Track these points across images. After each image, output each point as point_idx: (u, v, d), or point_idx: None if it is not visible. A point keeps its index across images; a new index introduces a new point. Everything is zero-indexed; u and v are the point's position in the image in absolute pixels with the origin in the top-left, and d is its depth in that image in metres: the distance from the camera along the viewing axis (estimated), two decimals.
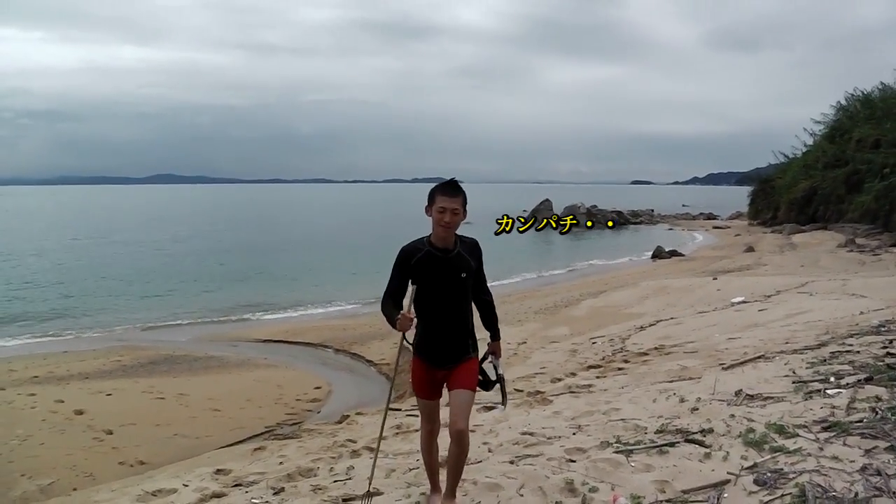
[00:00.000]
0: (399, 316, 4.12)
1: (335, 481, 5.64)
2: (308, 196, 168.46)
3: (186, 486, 5.92)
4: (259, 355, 14.23)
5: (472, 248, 4.44)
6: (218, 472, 6.35)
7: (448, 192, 4.19)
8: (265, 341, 15.75)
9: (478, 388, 4.51)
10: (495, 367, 4.62)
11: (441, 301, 4.32)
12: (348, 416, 8.85)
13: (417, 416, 7.79)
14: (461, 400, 4.30)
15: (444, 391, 4.49)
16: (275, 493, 5.48)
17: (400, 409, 8.14)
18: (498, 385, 4.61)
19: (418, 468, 5.57)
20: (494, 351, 4.67)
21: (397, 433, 6.97)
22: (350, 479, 5.67)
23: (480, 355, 4.56)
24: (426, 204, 4.26)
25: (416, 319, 4.19)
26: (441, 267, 4.27)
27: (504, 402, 4.69)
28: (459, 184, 4.25)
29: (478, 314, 4.59)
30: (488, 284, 4.64)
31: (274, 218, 74.83)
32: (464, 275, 4.32)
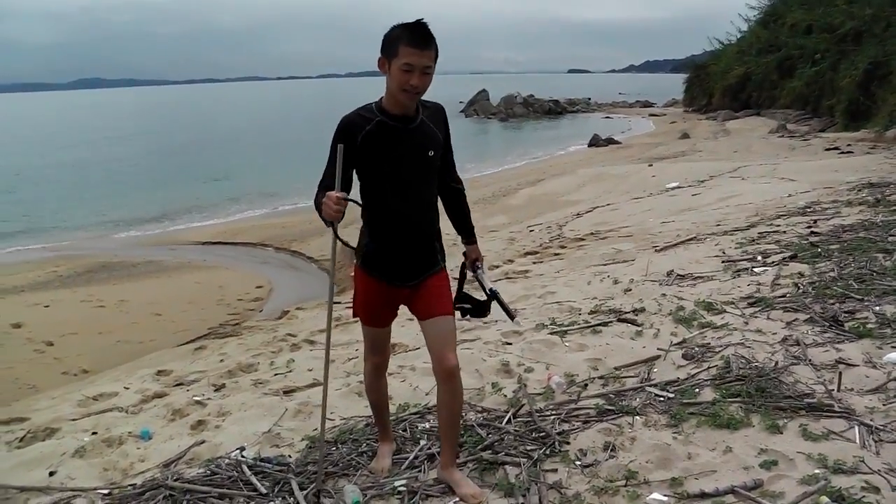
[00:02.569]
0: (326, 194, 2.98)
1: (276, 375, 5.69)
2: (239, 96, 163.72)
3: (127, 388, 5.90)
4: (198, 257, 14.04)
5: (438, 114, 3.30)
6: (159, 373, 6.34)
7: (417, 42, 2.95)
8: (204, 243, 15.52)
9: (466, 316, 3.63)
10: (482, 282, 3.56)
11: (401, 191, 3.18)
12: (288, 311, 8.87)
13: None
14: (442, 329, 3.29)
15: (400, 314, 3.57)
16: (216, 390, 5.51)
17: (339, 303, 8.18)
18: (495, 303, 3.55)
19: (357, 357, 5.64)
20: (476, 257, 3.61)
21: (336, 325, 7.01)
22: (290, 371, 5.72)
23: (452, 264, 3.59)
24: (380, 56, 3.05)
25: (349, 203, 3.05)
26: (400, 142, 3.14)
27: (512, 315, 3.63)
28: (429, 28, 3.00)
29: (442, 209, 3.50)
30: None
31: (206, 119, 72.70)
32: (431, 152, 3.21)
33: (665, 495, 3.18)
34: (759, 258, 7.09)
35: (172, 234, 17.14)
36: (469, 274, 3.62)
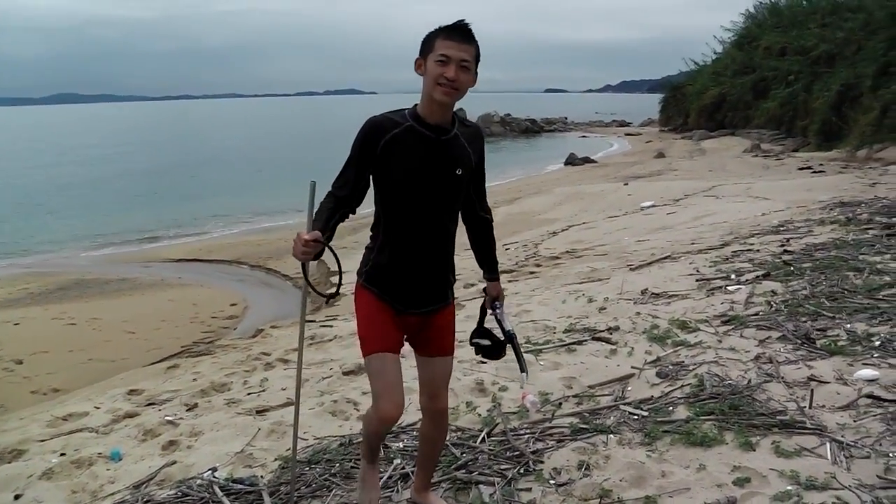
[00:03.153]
0: (295, 236, 2.68)
1: (249, 394, 5.64)
2: (217, 112, 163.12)
3: (98, 408, 5.82)
4: (172, 275, 13.92)
5: (475, 136, 2.99)
6: (131, 392, 6.26)
7: (455, 36, 2.73)
8: (178, 261, 15.38)
9: (479, 355, 3.34)
10: (501, 322, 3.23)
11: (421, 207, 2.85)
12: (263, 329, 8.81)
13: (331, 326, 7.85)
14: (442, 369, 3.09)
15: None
16: (188, 410, 5.45)
17: (314, 321, 8.14)
18: (510, 346, 3.24)
19: (331, 376, 5.61)
20: (497, 295, 3.28)
21: (311, 344, 6.98)
22: (264, 390, 5.67)
23: (460, 299, 3.44)
24: (417, 56, 2.81)
25: (322, 243, 2.71)
26: (429, 153, 2.81)
27: (524, 368, 3.28)
28: (469, 27, 2.78)
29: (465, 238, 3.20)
30: None
31: (182, 136, 72.29)
32: (459, 171, 2.88)
33: None
34: (733, 276, 7.14)
35: (146, 252, 17.00)
36: (488, 312, 3.30)
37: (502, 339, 3.23)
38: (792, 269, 7.06)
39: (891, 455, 3.43)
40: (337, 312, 8.67)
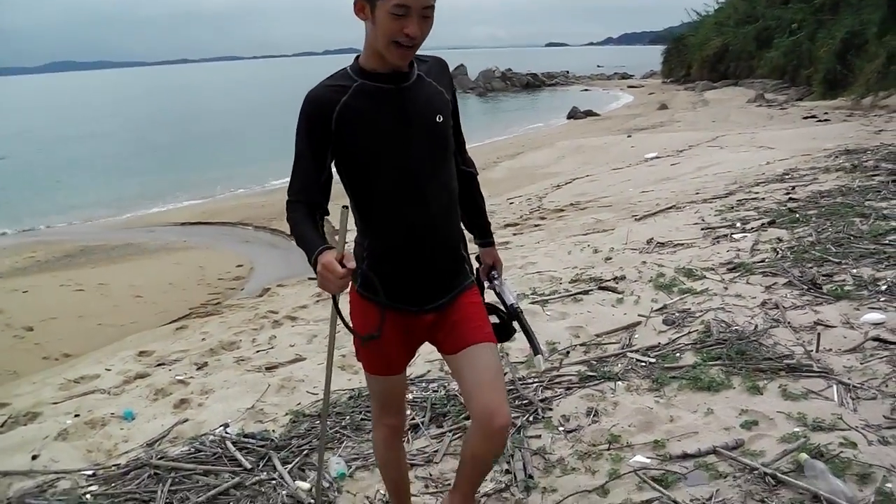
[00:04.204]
0: (322, 260, 2.09)
1: (257, 351, 5.69)
2: (214, 76, 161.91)
3: (109, 370, 5.88)
4: (178, 238, 13.92)
5: (439, 69, 2.41)
6: (141, 353, 6.32)
7: None
8: (182, 224, 15.39)
9: None
10: (502, 296, 2.69)
11: (408, 180, 2.27)
12: (269, 288, 8.84)
13: None
14: (486, 364, 2.36)
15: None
16: (198, 369, 5.50)
17: (315, 278, 8.17)
18: (515, 324, 2.67)
19: (339, 331, 5.62)
20: (493, 262, 2.76)
21: (317, 301, 7.02)
22: (272, 347, 5.72)
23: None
24: None
25: (353, 261, 2.10)
26: (394, 109, 2.25)
27: (538, 349, 2.71)
28: None
29: None
30: None
31: (180, 101, 71.94)
32: (440, 117, 2.31)
33: (648, 457, 3.21)
34: (738, 225, 7.12)
35: (151, 216, 17.00)
36: (486, 284, 2.74)
37: (504, 317, 2.65)
38: (797, 216, 7.04)
39: None
40: None
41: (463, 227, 2.54)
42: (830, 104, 22.76)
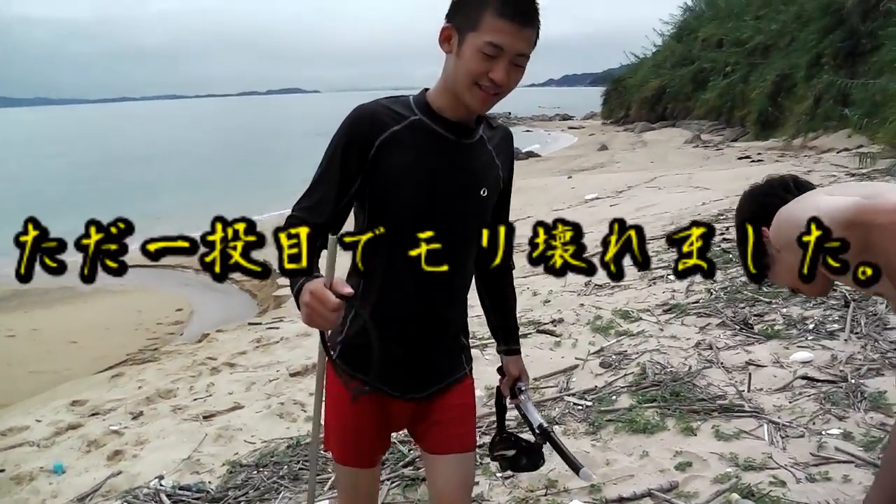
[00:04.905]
0: (310, 287, 1.65)
1: (195, 399, 5.60)
2: (155, 114, 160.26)
3: (39, 421, 5.71)
4: (116, 281, 13.62)
5: (505, 141, 2.14)
6: (74, 403, 6.16)
7: (517, 13, 1.80)
8: None
9: (506, 470, 2.54)
10: (528, 416, 2.32)
11: (431, 244, 1.73)
12: (208, 334, 8.72)
13: (278, 328, 7.79)
14: (461, 472, 2.17)
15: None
16: (133, 418, 5.39)
17: (260, 323, 8.09)
18: (546, 448, 2.31)
19: (278, 379, 5.58)
20: (518, 376, 2.38)
21: (257, 346, 6.95)
22: (210, 395, 5.64)
23: (475, 376, 2.28)
24: (446, 24, 1.87)
25: (348, 287, 1.67)
26: (445, 162, 1.94)
27: (577, 466, 2.21)
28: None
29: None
30: None
31: (122, 139, 70.94)
32: (485, 191, 2.01)
33: (584, 501, 3.24)
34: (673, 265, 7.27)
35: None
36: (508, 402, 2.42)
37: (534, 440, 2.29)
38: (731, 256, 7.20)
39: (823, 433, 3.55)
40: (283, 314, 8.63)
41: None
42: (763, 145, 23.46)
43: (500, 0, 1.78)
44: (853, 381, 4.06)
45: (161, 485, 3.87)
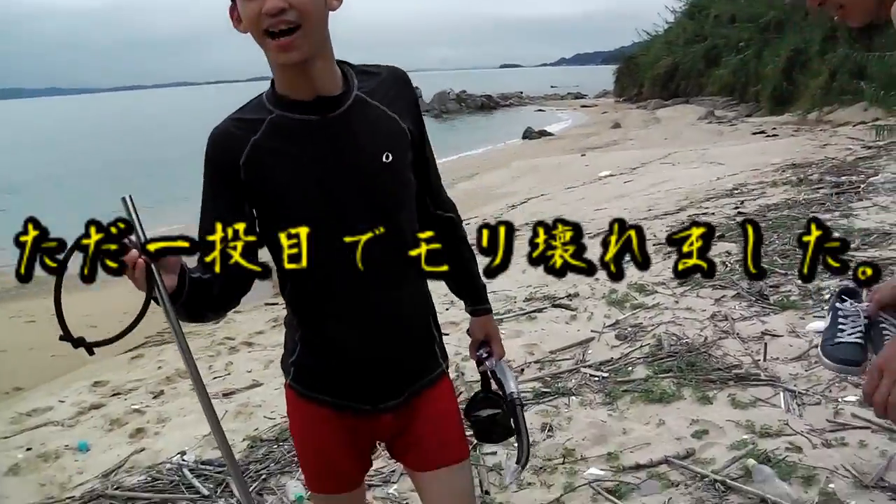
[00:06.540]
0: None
1: (214, 378, 5.65)
2: (165, 102, 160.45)
3: (63, 401, 5.79)
4: None
5: (394, 84, 1.79)
6: (95, 384, 6.24)
7: None
8: None
9: (475, 434, 2.11)
10: (500, 380, 2.05)
11: (342, 241, 1.65)
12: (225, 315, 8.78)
13: None
14: (455, 488, 1.92)
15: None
16: (154, 398, 5.45)
17: (276, 304, 8.14)
18: (511, 422, 2.02)
19: None
20: (486, 336, 2.09)
21: (274, 326, 7.00)
22: (229, 374, 5.69)
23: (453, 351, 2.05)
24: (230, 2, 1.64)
25: (152, 262, 1.70)
26: (322, 147, 1.67)
27: (523, 459, 2.00)
28: None
29: None
30: None
31: (128, 129, 71.21)
32: (388, 156, 1.70)
33: (602, 469, 3.27)
34: None
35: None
36: (481, 366, 2.11)
37: (501, 408, 2.03)
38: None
39: (839, 400, 3.56)
40: None
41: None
42: (778, 120, 23.29)
43: None
44: None
45: (183, 460, 3.93)
